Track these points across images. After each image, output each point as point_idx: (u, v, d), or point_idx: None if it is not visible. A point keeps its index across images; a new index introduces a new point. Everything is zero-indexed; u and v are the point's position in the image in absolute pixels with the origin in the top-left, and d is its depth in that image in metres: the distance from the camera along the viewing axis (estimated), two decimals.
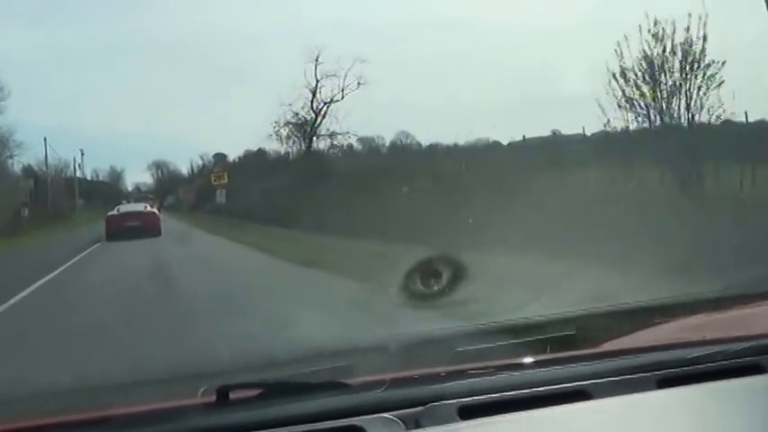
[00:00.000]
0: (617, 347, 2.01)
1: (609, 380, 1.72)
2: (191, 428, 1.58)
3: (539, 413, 1.60)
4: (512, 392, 1.67)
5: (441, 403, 1.61)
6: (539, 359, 1.85)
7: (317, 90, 31.35)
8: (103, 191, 45.74)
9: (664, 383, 1.72)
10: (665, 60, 13.27)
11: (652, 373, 1.74)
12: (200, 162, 44.95)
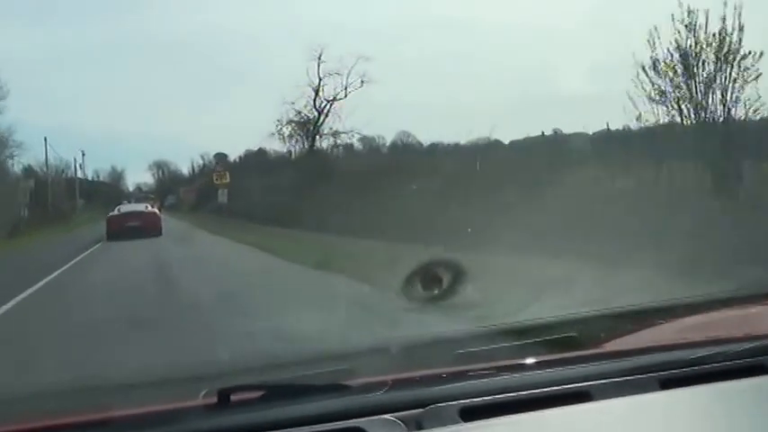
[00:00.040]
0: (619, 348, 2.00)
1: (611, 381, 1.71)
2: (192, 431, 1.58)
3: (541, 414, 1.59)
4: (514, 394, 1.66)
5: (442, 405, 1.60)
6: (541, 360, 1.84)
7: (319, 88, 31.33)
8: (104, 191, 45.84)
9: (667, 384, 1.71)
10: (698, 52, 12.82)
11: (655, 374, 1.73)
12: (201, 162, 45.00)
